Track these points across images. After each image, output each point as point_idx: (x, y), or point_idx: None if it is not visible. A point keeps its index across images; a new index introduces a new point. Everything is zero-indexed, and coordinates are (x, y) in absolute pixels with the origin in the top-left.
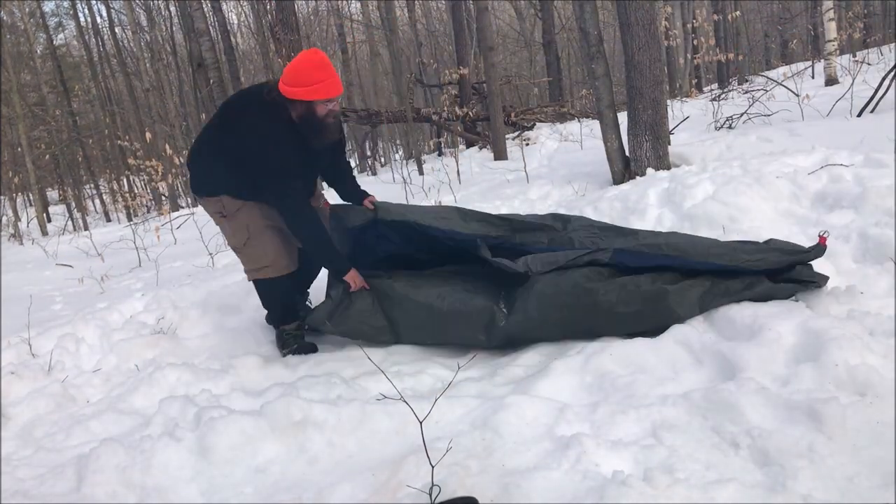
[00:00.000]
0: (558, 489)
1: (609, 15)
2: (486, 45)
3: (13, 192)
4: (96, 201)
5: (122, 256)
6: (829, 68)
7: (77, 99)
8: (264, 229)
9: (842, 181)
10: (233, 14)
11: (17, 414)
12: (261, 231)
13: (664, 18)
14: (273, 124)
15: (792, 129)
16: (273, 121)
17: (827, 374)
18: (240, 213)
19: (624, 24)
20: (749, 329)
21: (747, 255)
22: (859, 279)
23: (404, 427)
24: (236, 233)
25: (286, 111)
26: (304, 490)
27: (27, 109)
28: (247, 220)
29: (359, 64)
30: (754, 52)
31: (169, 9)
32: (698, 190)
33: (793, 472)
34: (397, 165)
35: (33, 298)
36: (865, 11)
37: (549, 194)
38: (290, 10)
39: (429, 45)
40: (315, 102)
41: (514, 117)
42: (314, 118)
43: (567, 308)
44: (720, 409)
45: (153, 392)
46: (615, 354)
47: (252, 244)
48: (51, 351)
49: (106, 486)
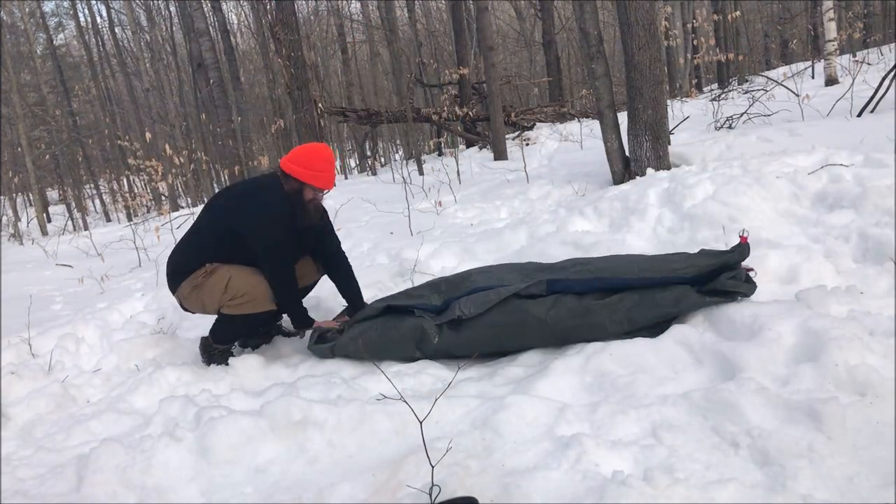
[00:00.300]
0: (558, 489)
1: (609, 15)
2: (486, 45)
3: (13, 192)
4: (96, 201)
5: (122, 256)
6: (829, 68)
7: (77, 99)
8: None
9: (842, 181)
10: (233, 14)
11: (17, 414)
12: (241, 271)
13: (664, 18)
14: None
15: (792, 129)
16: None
17: (827, 374)
18: (219, 268)
19: (624, 24)
20: (749, 329)
21: (677, 265)
22: (859, 279)
23: (404, 427)
24: (216, 283)
25: (281, 186)
26: (304, 490)
27: (27, 109)
28: (227, 269)
29: (359, 64)
30: (754, 52)
31: (169, 9)
32: (698, 190)
33: (793, 472)
34: (397, 165)
35: (33, 298)
36: (865, 11)
37: (550, 194)
38: (290, 10)
39: (429, 45)
40: (306, 185)
41: (514, 117)
42: (300, 197)
43: (497, 326)
44: (720, 409)
45: (153, 392)
46: (615, 354)
47: (233, 283)
48: (51, 351)
49: (106, 486)
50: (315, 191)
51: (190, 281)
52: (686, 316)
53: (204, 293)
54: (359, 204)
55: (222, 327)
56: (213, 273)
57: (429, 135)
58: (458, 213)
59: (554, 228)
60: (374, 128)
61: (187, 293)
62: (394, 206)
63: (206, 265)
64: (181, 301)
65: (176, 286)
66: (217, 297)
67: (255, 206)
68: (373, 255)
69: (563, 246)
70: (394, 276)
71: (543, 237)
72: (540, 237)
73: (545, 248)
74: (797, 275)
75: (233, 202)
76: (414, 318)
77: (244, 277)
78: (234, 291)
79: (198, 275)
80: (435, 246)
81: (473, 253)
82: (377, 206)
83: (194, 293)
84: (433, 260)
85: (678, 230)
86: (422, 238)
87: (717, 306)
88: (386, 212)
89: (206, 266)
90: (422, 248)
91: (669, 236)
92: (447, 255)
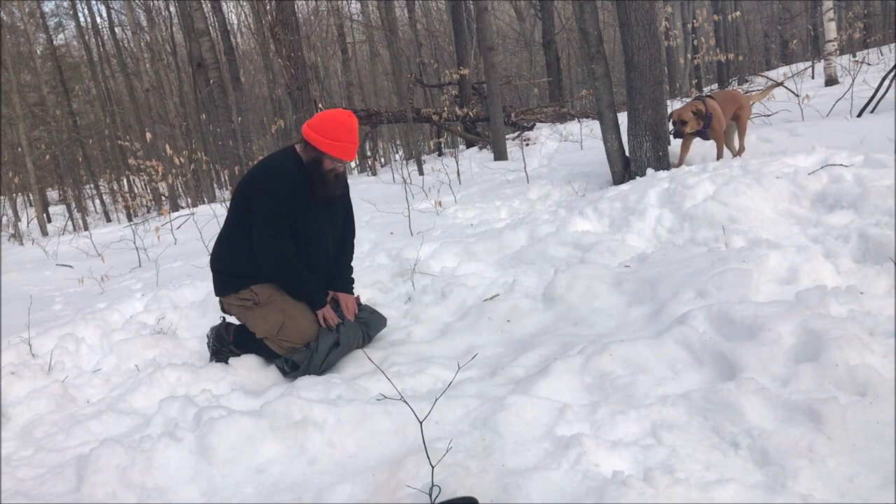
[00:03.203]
0: (558, 489)
1: (609, 15)
2: (486, 45)
3: (13, 192)
4: (96, 201)
5: (122, 256)
6: (829, 68)
7: (77, 99)
8: (300, 311)
9: (842, 181)
10: (233, 14)
11: (17, 414)
12: (297, 312)
13: (664, 18)
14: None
15: (792, 129)
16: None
17: (827, 374)
18: (273, 299)
19: (624, 24)
20: (749, 329)
21: None
22: (859, 279)
23: (404, 427)
24: (269, 319)
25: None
26: (304, 490)
27: (27, 109)
28: (281, 304)
29: (359, 64)
30: (754, 52)
31: (169, 9)
32: (698, 190)
33: (793, 472)
34: (397, 165)
35: (33, 298)
36: (865, 11)
37: (550, 194)
38: (290, 10)
39: (429, 45)
40: (326, 155)
41: (514, 117)
42: (319, 166)
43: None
44: (720, 409)
45: (153, 392)
46: (615, 354)
47: (287, 328)
48: (51, 351)
49: (106, 486)
50: (334, 161)
51: (239, 301)
52: (686, 316)
53: (254, 322)
54: (359, 204)
55: (252, 342)
56: (267, 306)
57: (429, 135)
58: (458, 214)
59: (554, 229)
60: (374, 128)
61: (235, 311)
62: (394, 206)
63: (253, 288)
64: (225, 308)
65: (222, 294)
66: (267, 330)
67: (261, 168)
68: (373, 255)
69: (563, 246)
70: (394, 277)
71: (543, 237)
72: (540, 237)
73: (545, 248)
74: (797, 275)
75: (247, 176)
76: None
77: (297, 321)
78: (286, 335)
79: (247, 301)
80: (435, 246)
81: (473, 253)
82: (377, 206)
83: (243, 314)
84: (433, 260)
85: (678, 230)
86: (422, 238)
87: (717, 306)
88: (386, 212)
89: (254, 289)
90: (422, 248)
91: (669, 236)
92: (447, 256)
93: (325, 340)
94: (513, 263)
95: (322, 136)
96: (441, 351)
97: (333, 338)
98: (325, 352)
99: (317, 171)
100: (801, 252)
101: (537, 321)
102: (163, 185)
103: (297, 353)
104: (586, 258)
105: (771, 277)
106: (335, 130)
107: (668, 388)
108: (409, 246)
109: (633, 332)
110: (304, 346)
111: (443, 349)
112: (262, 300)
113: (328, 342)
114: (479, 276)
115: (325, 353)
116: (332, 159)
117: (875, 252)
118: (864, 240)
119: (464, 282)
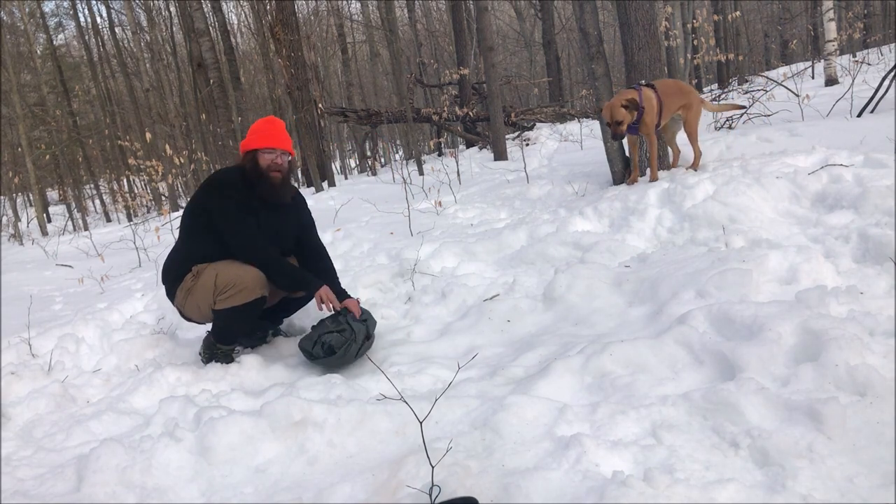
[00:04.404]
0: (558, 489)
1: (609, 15)
2: (486, 45)
3: (13, 192)
4: (96, 201)
5: (122, 256)
6: (829, 68)
7: (77, 99)
8: (230, 263)
9: (842, 181)
10: (233, 14)
11: (17, 414)
12: (227, 265)
13: (664, 18)
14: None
15: (792, 130)
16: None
17: (827, 374)
18: (206, 268)
19: (624, 24)
20: (749, 329)
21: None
22: (859, 279)
23: (404, 427)
24: (205, 283)
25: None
26: (304, 490)
27: (27, 109)
28: (213, 267)
29: (359, 64)
30: (754, 52)
31: (169, 9)
32: (698, 190)
33: (793, 472)
34: (397, 165)
35: (33, 298)
36: (865, 11)
37: (550, 194)
38: (290, 10)
39: (429, 45)
40: (257, 152)
41: (514, 117)
42: (258, 167)
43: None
44: (720, 409)
45: (153, 392)
46: (615, 354)
47: (220, 277)
48: (51, 351)
49: (106, 486)
50: (265, 153)
51: (181, 287)
52: (686, 316)
53: (196, 296)
54: (359, 204)
55: (221, 325)
56: (201, 273)
57: (429, 135)
58: (458, 214)
59: (554, 229)
60: (374, 128)
61: (183, 300)
62: (394, 207)
63: (193, 268)
64: (181, 310)
65: (172, 294)
66: (208, 295)
67: (208, 180)
68: (373, 255)
69: (563, 246)
70: (394, 277)
71: (543, 237)
72: (540, 237)
73: (545, 248)
74: (797, 275)
75: (197, 193)
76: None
77: (229, 269)
78: (222, 285)
79: (187, 280)
80: (435, 246)
81: (473, 253)
82: (377, 206)
83: (189, 299)
84: (433, 260)
85: (678, 230)
86: (422, 238)
87: (717, 306)
88: (386, 212)
89: (193, 269)
90: (422, 248)
91: (669, 236)
92: (447, 256)
93: (361, 331)
94: (513, 263)
95: (247, 137)
96: (441, 351)
97: (365, 330)
98: (360, 342)
99: (255, 171)
100: (801, 252)
101: (537, 321)
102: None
103: (332, 337)
104: (586, 258)
105: (771, 277)
106: (255, 127)
107: (668, 388)
108: (409, 246)
109: (633, 332)
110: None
111: (443, 349)
112: (197, 272)
113: (363, 333)
114: (479, 276)
115: (360, 343)
116: (265, 151)
117: (875, 252)
118: (864, 240)
119: (464, 282)
